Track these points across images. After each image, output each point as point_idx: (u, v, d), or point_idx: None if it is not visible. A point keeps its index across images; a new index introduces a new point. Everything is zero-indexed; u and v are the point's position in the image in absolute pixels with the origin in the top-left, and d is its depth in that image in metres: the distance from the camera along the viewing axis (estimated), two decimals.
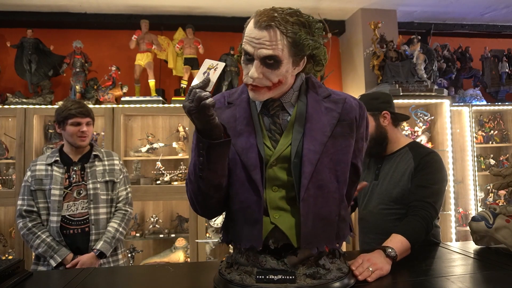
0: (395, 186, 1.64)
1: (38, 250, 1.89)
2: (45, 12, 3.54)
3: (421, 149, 1.70)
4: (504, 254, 1.34)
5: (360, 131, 1.08)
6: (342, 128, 1.03)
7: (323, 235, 1.00)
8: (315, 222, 0.99)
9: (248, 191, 0.99)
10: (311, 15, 1.03)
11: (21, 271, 1.20)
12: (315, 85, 1.09)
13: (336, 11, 3.73)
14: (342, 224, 1.05)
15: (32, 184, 1.97)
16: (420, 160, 1.62)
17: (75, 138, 2.00)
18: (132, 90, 3.51)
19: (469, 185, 3.63)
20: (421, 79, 3.41)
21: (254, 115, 1.05)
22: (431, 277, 1.14)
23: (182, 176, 3.29)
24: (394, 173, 1.68)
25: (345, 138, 1.03)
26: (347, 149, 1.04)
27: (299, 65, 0.99)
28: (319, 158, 0.99)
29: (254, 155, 0.99)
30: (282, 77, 0.95)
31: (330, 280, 0.96)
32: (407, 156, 1.68)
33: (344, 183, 1.05)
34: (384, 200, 1.66)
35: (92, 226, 1.96)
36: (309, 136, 0.99)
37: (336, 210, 1.03)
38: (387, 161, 1.74)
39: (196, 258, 3.08)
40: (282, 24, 0.91)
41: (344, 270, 1.03)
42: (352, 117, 1.05)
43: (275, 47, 0.91)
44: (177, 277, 1.23)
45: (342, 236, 1.05)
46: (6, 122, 3.40)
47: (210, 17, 3.72)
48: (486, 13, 3.97)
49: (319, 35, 0.99)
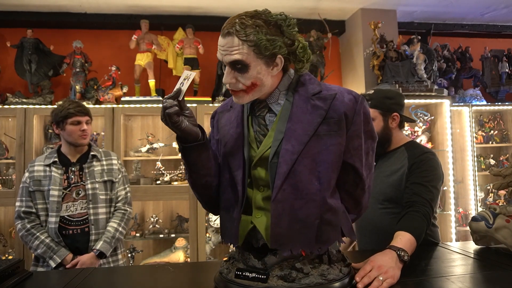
0: (389, 185, 1.64)
1: (37, 251, 1.88)
2: (45, 12, 3.54)
3: (416, 149, 1.68)
4: (504, 254, 1.34)
5: (355, 128, 1.00)
6: (328, 126, 0.98)
7: (300, 238, 0.96)
8: (291, 224, 0.96)
9: (230, 191, 1.05)
10: (312, 14, 1.02)
11: (21, 271, 1.20)
12: (306, 82, 1.04)
13: (336, 11, 3.74)
14: (327, 227, 0.98)
15: (31, 185, 1.96)
16: (415, 159, 1.60)
17: (76, 137, 1.99)
18: (132, 90, 3.52)
19: (469, 185, 3.63)
20: (421, 79, 3.42)
21: (245, 117, 1.08)
22: (431, 277, 1.13)
23: (182, 176, 3.29)
24: (389, 172, 1.67)
25: (331, 136, 0.98)
26: (332, 148, 0.98)
27: (275, 65, 0.98)
28: (296, 158, 0.96)
29: (239, 156, 1.03)
30: (254, 79, 0.96)
31: (304, 285, 0.93)
32: (402, 156, 1.68)
33: (327, 184, 0.98)
34: (378, 199, 1.66)
35: (92, 226, 1.96)
36: (288, 136, 0.98)
37: (316, 213, 0.96)
38: (382, 160, 1.73)
39: (196, 258, 3.08)
40: (241, 29, 0.93)
41: (330, 277, 0.96)
42: (340, 114, 0.98)
43: (238, 52, 0.93)
44: (177, 277, 1.23)
45: (326, 240, 0.98)
46: (6, 122, 3.40)
47: (210, 17, 3.72)
48: (486, 13, 3.97)
49: (292, 32, 0.98)
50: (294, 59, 1.00)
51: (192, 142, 1.00)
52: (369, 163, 1.07)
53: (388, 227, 1.51)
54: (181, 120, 0.96)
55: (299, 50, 0.99)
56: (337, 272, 1.00)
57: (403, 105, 1.76)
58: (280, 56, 0.97)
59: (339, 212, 1.02)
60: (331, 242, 0.99)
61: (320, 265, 0.99)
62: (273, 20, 0.96)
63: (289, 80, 1.04)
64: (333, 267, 1.00)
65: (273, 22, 0.96)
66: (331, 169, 0.98)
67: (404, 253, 1.17)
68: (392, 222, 1.58)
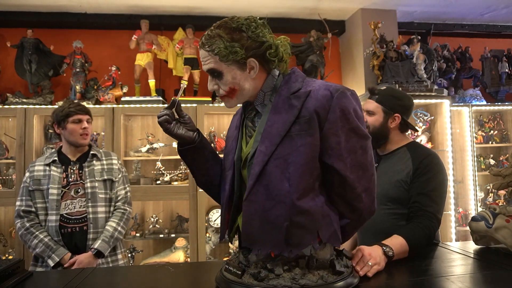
0: (393, 186, 1.63)
1: (36, 250, 1.89)
2: (45, 12, 3.54)
3: (419, 149, 1.68)
4: (504, 254, 1.34)
5: (329, 126, 0.96)
6: (299, 126, 0.96)
7: (269, 239, 0.96)
8: (261, 224, 0.97)
9: (223, 190, 1.11)
10: (312, 14, 1.03)
11: (21, 271, 1.20)
12: (290, 81, 1.03)
13: (336, 11, 3.74)
14: (298, 230, 0.95)
15: (30, 184, 1.97)
16: (419, 164, 1.60)
17: (77, 136, 2.00)
18: (132, 90, 3.52)
19: (469, 185, 3.63)
20: (421, 79, 3.42)
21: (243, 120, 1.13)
22: (431, 277, 1.14)
23: (182, 176, 3.29)
24: (392, 173, 1.67)
25: (301, 137, 0.95)
26: (302, 149, 0.95)
27: (251, 68, 1.00)
28: (268, 159, 0.96)
29: (231, 158, 1.08)
30: (231, 84, 1.01)
31: (271, 286, 0.93)
32: (404, 157, 1.67)
33: (296, 186, 0.95)
34: (381, 200, 1.65)
35: (91, 224, 1.96)
36: (263, 137, 0.99)
37: (285, 215, 0.94)
38: (384, 160, 1.73)
39: (196, 258, 3.08)
40: (206, 41, 0.99)
41: (302, 282, 0.94)
42: (311, 112, 0.95)
43: (209, 62, 1.00)
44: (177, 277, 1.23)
45: (298, 243, 0.95)
46: (6, 122, 3.40)
47: (210, 17, 3.72)
48: (486, 13, 3.97)
49: (258, 34, 0.98)
50: (265, 59, 1.01)
51: (186, 146, 1.10)
52: (359, 163, 0.99)
53: (391, 228, 1.50)
54: (172, 126, 1.06)
55: (270, 50, 0.99)
56: (316, 278, 0.96)
57: (409, 109, 1.74)
58: (253, 59, 0.99)
59: (316, 215, 0.97)
60: (304, 246, 0.96)
61: (294, 269, 0.97)
62: (235, 26, 0.98)
63: (273, 80, 1.05)
64: (313, 272, 0.97)
65: (235, 28, 0.98)
66: (301, 171, 0.95)
67: (389, 249, 1.22)
68: (395, 223, 1.59)
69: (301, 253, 0.98)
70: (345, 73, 4.05)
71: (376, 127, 1.69)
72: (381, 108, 1.69)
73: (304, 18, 3.80)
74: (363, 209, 1.03)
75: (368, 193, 1.02)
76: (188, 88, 3.59)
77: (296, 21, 3.84)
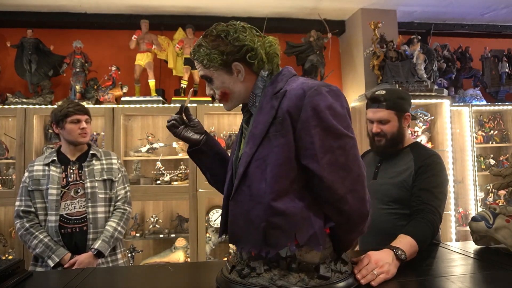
0: (395, 187, 1.64)
1: (35, 250, 1.88)
2: (45, 12, 3.54)
3: (422, 150, 1.69)
4: (504, 254, 1.34)
5: (302, 126, 0.94)
6: (275, 127, 0.96)
7: (250, 238, 0.98)
8: (245, 223, 0.99)
9: (224, 190, 1.14)
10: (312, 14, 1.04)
11: (21, 271, 1.20)
12: (275, 81, 1.04)
13: (336, 11, 3.73)
14: (275, 231, 0.95)
15: (30, 184, 1.97)
16: (422, 163, 1.61)
17: (75, 135, 2.00)
18: (132, 90, 3.52)
19: (469, 185, 3.63)
20: (421, 79, 3.41)
21: None
22: (431, 277, 1.14)
23: (182, 176, 3.29)
24: (394, 173, 1.67)
25: (276, 137, 0.96)
26: (276, 150, 0.95)
27: (237, 71, 1.04)
28: (250, 160, 0.99)
29: (231, 159, 1.14)
30: (222, 89, 1.07)
31: (249, 284, 0.95)
32: (407, 157, 1.68)
33: (271, 187, 0.95)
34: (383, 200, 1.66)
35: (90, 224, 1.96)
36: (249, 139, 1.02)
37: (262, 215, 0.95)
38: (387, 160, 1.74)
39: (196, 258, 3.08)
40: (193, 52, 1.07)
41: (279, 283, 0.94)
42: (284, 112, 0.96)
43: (200, 69, 1.07)
44: (177, 277, 1.23)
45: (275, 244, 0.95)
46: (6, 122, 3.40)
47: (210, 17, 3.72)
48: (486, 13, 3.97)
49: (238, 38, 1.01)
50: (248, 62, 1.03)
51: (193, 148, 1.19)
52: (338, 164, 0.94)
53: (392, 228, 1.52)
54: (179, 130, 1.15)
55: (250, 53, 1.02)
56: (295, 281, 0.95)
57: (411, 104, 1.77)
58: (237, 63, 1.03)
59: (294, 217, 0.96)
60: (280, 247, 0.96)
61: (274, 269, 0.97)
62: (215, 33, 1.03)
63: (263, 81, 1.06)
64: (293, 274, 0.96)
65: (216, 35, 1.03)
66: (275, 172, 0.95)
67: (401, 252, 1.18)
68: (396, 224, 1.59)
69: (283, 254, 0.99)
70: (345, 73, 4.05)
71: (395, 133, 1.68)
72: (394, 113, 1.68)
73: (304, 18, 3.80)
74: (351, 212, 0.96)
75: (354, 195, 0.96)
76: (188, 88, 3.59)
77: (296, 21, 3.84)
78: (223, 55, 1.01)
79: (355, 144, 0.97)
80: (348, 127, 0.97)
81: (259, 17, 3.69)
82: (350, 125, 0.98)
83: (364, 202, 0.98)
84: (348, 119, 0.98)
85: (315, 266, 0.98)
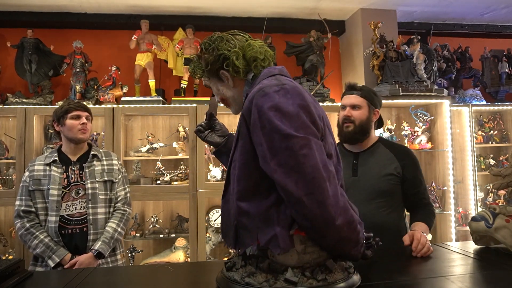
0: (383, 180, 1.72)
1: (36, 250, 1.88)
2: (45, 12, 3.54)
3: (395, 145, 1.86)
4: (504, 254, 1.34)
5: (252, 127, 0.95)
6: (242, 128, 1.00)
7: (229, 235, 1.04)
8: (226, 220, 1.06)
9: None
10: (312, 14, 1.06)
11: (21, 271, 1.20)
12: (253, 83, 1.09)
13: (336, 11, 3.73)
14: (242, 231, 0.98)
15: (30, 184, 1.96)
16: (404, 159, 1.77)
17: (75, 132, 2.00)
18: (132, 90, 3.52)
19: (469, 185, 3.63)
20: (421, 79, 3.42)
21: None
22: (431, 277, 1.14)
23: (182, 176, 3.29)
24: (378, 168, 1.75)
25: (242, 138, 1.00)
26: (238, 152, 1.00)
27: (226, 78, 1.12)
28: (231, 161, 1.05)
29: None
30: (220, 95, 1.18)
31: (226, 277, 1.00)
32: (383, 151, 1.80)
33: (236, 188, 0.98)
34: (371, 195, 1.72)
35: (91, 226, 1.95)
36: (235, 142, 1.06)
37: (234, 214, 0.99)
38: (363, 156, 1.81)
39: (196, 258, 3.08)
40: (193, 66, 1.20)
41: (239, 279, 0.97)
42: (240, 116, 1.01)
43: (203, 80, 1.21)
44: (177, 277, 1.23)
45: (241, 243, 0.99)
46: (6, 122, 3.40)
47: (210, 17, 3.73)
48: (486, 13, 3.97)
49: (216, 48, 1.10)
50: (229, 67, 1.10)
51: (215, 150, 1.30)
52: (289, 166, 0.90)
53: (382, 221, 1.65)
54: (204, 135, 1.31)
55: (227, 61, 1.08)
56: (262, 280, 0.95)
57: (381, 105, 1.89)
58: (222, 71, 1.10)
59: (257, 218, 0.95)
60: (246, 246, 0.99)
61: (245, 267, 1.01)
62: (202, 47, 1.14)
63: (248, 85, 1.11)
64: (261, 274, 0.97)
65: (201, 48, 1.15)
66: (239, 172, 0.99)
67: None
68: (385, 216, 1.69)
69: (258, 253, 1.03)
70: (345, 73, 4.05)
71: (363, 121, 1.78)
72: (366, 102, 1.79)
73: (304, 18, 3.80)
74: (311, 216, 0.89)
75: (311, 198, 0.88)
76: (188, 88, 3.59)
77: (296, 21, 3.84)
78: (207, 66, 1.12)
79: (308, 143, 0.90)
80: (300, 127, 0.91)
81: (259, 17, 3.69)
82: (304, 124, 0.92)
83: (324, 206, 0.89)
84: (303, 117, 0.92)
85: (283, 268, 0.96)
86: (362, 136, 1.80)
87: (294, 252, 0.97)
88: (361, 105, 1.78)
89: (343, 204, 0.93)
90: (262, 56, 1.09)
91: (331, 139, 1.04)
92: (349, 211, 0.95)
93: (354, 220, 0.96)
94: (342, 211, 0.92)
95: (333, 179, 0.93)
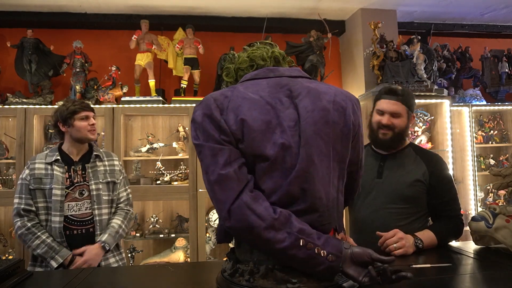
0: (408, 186, 1.63)
1: (37, 251, 1.85)
2: (45, 12, 3.54)
3: (424, 150, 1.76)
4: (504, 254, 1.34)
5: None
6: None
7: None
8: None
9: None
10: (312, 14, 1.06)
11: (21, 271, 1.20)
12: None
13: (336, 11, 3.73)
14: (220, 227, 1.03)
15: (31, 183, 1.93)
16: (434, 166, 1.66)
17: (85, 132, 1.99)
18: (132, 90, 3.52)
19: (469, 185, 3.63)
20: (421, 79, 3.41)
21: None
22: (431, 277, 1.14)
23: (182, 176, 3.29)
24: (403, 172, 1.67)
25: None
26: None
27: None
28: None
29: None
30: None
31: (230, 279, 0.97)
32: (411, 156, 1.71)
33: None
34: (393, 199, 1.64)
35: (97, 226, 1.95)
36: None
37: None
38: (391, 159, 1.72)
39: (196, 258, 3.08)
40: None
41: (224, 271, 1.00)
42: None
43: None
44: (178, 277, 1.23)
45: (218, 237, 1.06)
46: (6, 122, 3.40)
47: (210, 17, 3.72)
48: (486, 13, 3.97)
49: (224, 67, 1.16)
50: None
51: None
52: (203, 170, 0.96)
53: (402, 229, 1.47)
54: None
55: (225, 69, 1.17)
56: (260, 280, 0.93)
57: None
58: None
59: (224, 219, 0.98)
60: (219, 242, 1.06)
61: (229, 261, 1.04)
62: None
63: None
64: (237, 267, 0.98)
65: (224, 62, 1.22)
66: None
67: (420, 242, 1.42)
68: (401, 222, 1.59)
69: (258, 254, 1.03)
70: (345, 73, 4.05)
71: (402, 129, 1.69)
72: (406, 109, 1.69)
73: (304, 18, 3.80)
74: (220, 215, 0.94)
75: (212, 197, 0.95)
76: (188, 88, 3.59)
77: (296, 21, 3.84)
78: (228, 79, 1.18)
79: (203, 150, 0.94)
80: (201, 136, 0.95)
81: (259, 17, 3.69)
82: (207, 133, 0.94)
83: (220, 205, 0.91)
84: (207, 126, 0.94)
85: (249, 270, 0.96)
86: (399, 143, 1.72)
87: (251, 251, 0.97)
88: (401, 113, 1.67)
89: (237, 206, 0.90)
90: (246, 65, 1.10)
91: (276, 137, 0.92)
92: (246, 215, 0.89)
93: (254, 226, 0.88)
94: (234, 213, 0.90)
95: (229, 181, 0.91)
